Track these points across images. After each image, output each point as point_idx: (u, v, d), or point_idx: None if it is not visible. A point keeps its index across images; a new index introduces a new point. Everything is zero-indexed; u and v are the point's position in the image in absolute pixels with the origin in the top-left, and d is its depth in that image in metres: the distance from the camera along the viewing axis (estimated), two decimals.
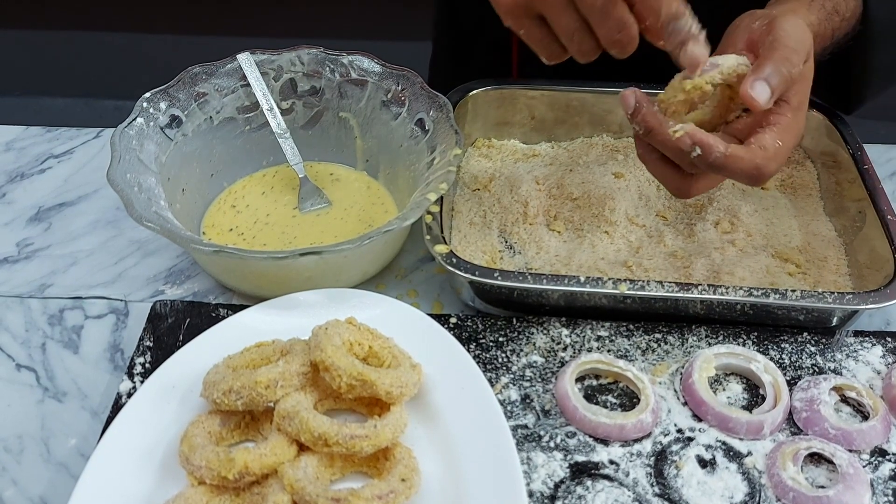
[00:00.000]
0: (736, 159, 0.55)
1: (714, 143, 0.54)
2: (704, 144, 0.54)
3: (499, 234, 0.75)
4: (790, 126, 0.57)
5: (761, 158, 0.55)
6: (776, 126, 0.56)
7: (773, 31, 0.57)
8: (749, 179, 0.56)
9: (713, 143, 0.54)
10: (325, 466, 0.54)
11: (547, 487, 0.56)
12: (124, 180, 0.66)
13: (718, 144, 0.54)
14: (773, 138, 0.55)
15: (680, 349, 0.64)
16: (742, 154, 0.55)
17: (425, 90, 0.76)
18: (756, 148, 0.55)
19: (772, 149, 0.55)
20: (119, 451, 0.55)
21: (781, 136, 0.56)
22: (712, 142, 0.54)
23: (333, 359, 0.54)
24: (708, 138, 0.55)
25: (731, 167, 0.55)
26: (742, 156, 0.55)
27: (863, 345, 0.65)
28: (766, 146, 0.55)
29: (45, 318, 0.70)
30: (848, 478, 0.55)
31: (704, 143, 0.54)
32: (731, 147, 0.55)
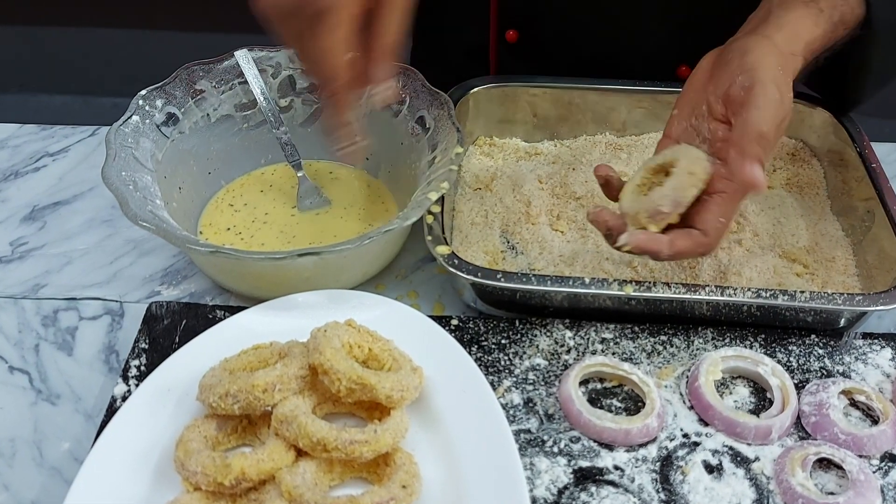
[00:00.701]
0: (681, 252, 0.59)
1: (657, 248, 0.58)
2: (651, 252, 0.59)
3: (501, 235, 0.73)
4: (735, 194, 0.59)
5: (704, 246, 0.59)
6: (718, 196, 0.59)
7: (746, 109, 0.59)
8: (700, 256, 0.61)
9: (658, 249, 0.58)
10: (323, 472, 0.53)
11: (550, 494, 0.54)
12: (119, 178, 0.65)
13: (662, 248, 0.58)
14: (714, 218, 0.58)
15: (686, 352, 0.63)
16: (686, 247, 0.59)
17: (426, 87, 0.74)
18: (699, 235, 0.59)
19: (713, 231, 0.59)
20: (113, 455, 0.54)
21: (724, 211, 0.59)
22: (656, 248, 0.58)
23: (332, 362, 0.53)
24: (651, 245, 0.58)
25: (680, 257, 0.60)
26: (686, 248, 0.59)
27: (872, 347, 0.64)
28: (707, 230, 0.59)
29: (38, 319, 0.68)
30: (858, 484, 0.54)
31: (650, 251, 0.58)
32: (675, 245, 0.58)
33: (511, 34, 0.86)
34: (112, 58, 2.17)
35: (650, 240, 0.58)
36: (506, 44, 0.87)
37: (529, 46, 0.87)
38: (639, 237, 0.59)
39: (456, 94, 0.79)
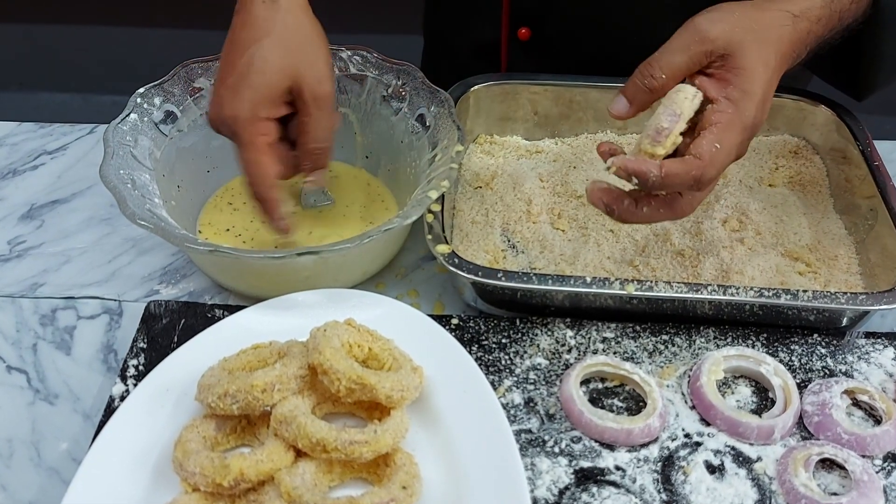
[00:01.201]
0: (672, 177, 0.55)
1: (647, 168, 0.55)
2: (639, 173, 0.56)
3: (501, 233, 0.73)
4: (731, 123, 0.56)
5: (697, 168, 0.55)
6: (715, 126, 0.56)
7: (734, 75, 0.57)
8: (692, 188, 0.57)
9: (646, 170, 0.55)
10: (323, 473, 0.52)
11: (552, 494, 0.54)
12: (118, 177, 0.64)
13: (651, 168, 0.55)
14: (709, 143, 0.56)
15: (687, 351, 0.63)
16: (677, 170, 0.56)
17: (426, 85, 0.74)
18: (691, 159, 0.56)
19: (707, 155, 0.55)
20: (111, 455, 0.53)
21: (720, 138, 0.56)
22: (645, 168, 0.55)
23: (332, 361, 0.53)
24: (640, 166, 0.55)
25: (670, 184, 0.56)
26: (678, 171, 0.55)
27: (875, 346, 0.64)
28: (701, 154, 0.56)
29: (36, 318, 0.68)
30: (862, 485, 0.53)
31: (639, 172, 0.56)
32: (665, 165, 0.56)
33: (523, 32, 0.86)
34: (111, 55, 2.16)
35: (638, 161, 0.56)
36: (518, 41, 0.86)
37: (541, 44, 0.86)
38: (625, 159, 0.56)
39: (456, 91, 0.79)
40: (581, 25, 0.83)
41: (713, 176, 0.56)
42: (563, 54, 0.86)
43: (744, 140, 0.57)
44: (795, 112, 0.81)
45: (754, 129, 0.58)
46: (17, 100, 2.10)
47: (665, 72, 0.58)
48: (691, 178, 0.56)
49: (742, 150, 0.59)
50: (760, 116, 0.58)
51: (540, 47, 0.87)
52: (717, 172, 0.57)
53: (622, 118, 0.60)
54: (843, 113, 0.79)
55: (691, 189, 0.57)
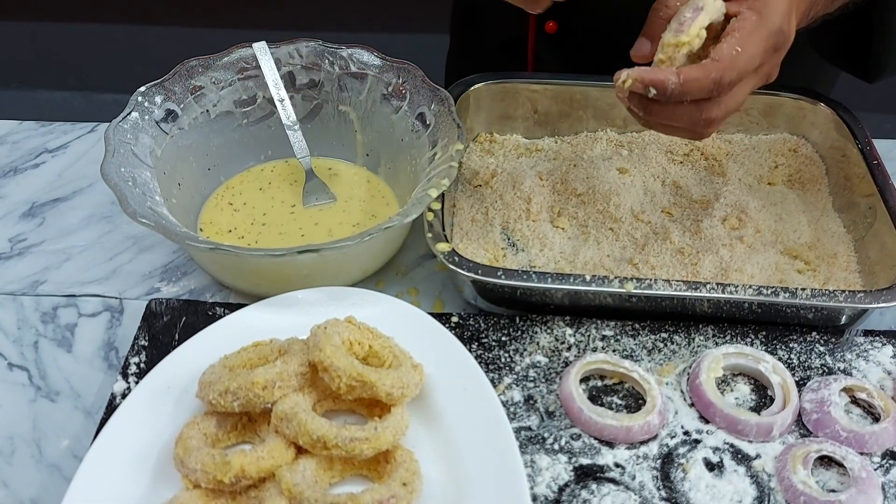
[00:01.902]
0: (692, 82, 0.54)
1: (664, 76, 0.54)
2: (656, 82, 0.54)
3: (501, 232, 0.73)
4: (755, 29, 0.55)
5: (716, 70, 0.54)
6: (736, 32, 0.55)
7: None
8: (712, 94, 0.55)
9: (664, 78, 0.54)
10: (323, 470, 0.53)
11: (551, 491, 0.54)
12: (118, 175, 0.65)
13: (669, 76, 0.54)
14: (730, 47, 0.54)
15: (687, 349, 0.63)
16: (696, 74, 0.54)
17: (426, 83, 0.74)
18: (709, 62, 0.54)
19: (727, 58, 0.54)
20: (113, 453, 0.53)
21: (742, 42, 0.55)
22: (662, 76, 0.54)
23: (332, 359, 0.53)
24: (657, 75, 0.54)
25: (691, 91, 0.54)
26: (697, 76, 0.54)
27: (873, 344, 0.64)
28: (721, 56, 0.54)
29: (37, 315, 0.68)
30: (860, 482, 0.54)
31: (656, 81, 0.54)
32: (684, 72, 0.54)
33: (550, 25, 0.85)
34: (111, 54, 2.16)
35: (655, 70, 0.54)
36: (545, 35, 0.86)
37: (568, 38, 0.86)
38: (641, 69, 0.54)
39: (456, 90, 0.79)
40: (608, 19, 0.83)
41: (733, 79, 0.55)
42: (590, 48, 0.85)
43: (768, 48, 0.56)
44: (795, 111, 0.82)
45: (780, 39, 0.56)
46: (18, 98, 2.10)
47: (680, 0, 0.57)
48: (711, 81, 0.54)
49: (769, 60, 0.57)
50: (788, 26, 0.56)
51: (567, 41, 0.86)
52: (737, 76, 0.55)
53: (646, 59, 0.58)
54: (843, 111, 0.79)
55: (711, 95, 0.55)
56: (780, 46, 0.56)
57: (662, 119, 0.58)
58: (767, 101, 0.81)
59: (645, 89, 0.55)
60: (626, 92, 0.57)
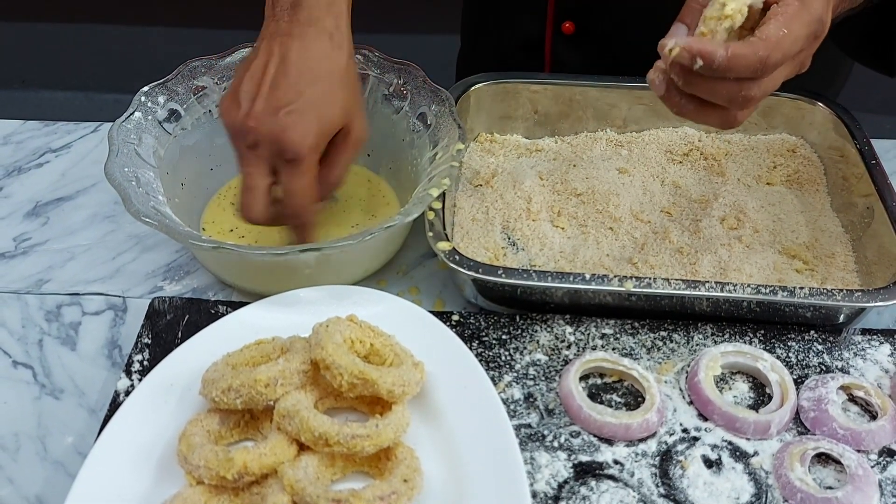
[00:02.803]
0: (739, 58, 0.54)
1: (713, 48, 0.54)
2: (704, 53, 0.54)
3: (501, 231, 0.74)
4: (798, 14, 0.55)
5: (763, 49, 0.54)
6: (780, 16, 0.55)
7: None
8: (756, 73, 0.55)
9: (712, 50, 0.54)
10: (325, 466, 0.53)
11: (550, 488, 0.55)
12: (122, 174, 0.65)
13: (718, 49, 0.54)
14: (776, 27, 0.54)
15: (685, 347, 0.64)
16: (744, 51, 0.54)
17: (427, 84, 0.75)
18: (757, 40, 0.54)
19: (774, 37, 0.54)
20: (117, 449, 0.54)
21: (787, 24, 0.55)
22: (710, 48, 0.54)
23: (334, 357, 0.54)
24: (705, 45, 0.54)
25: (736, 66, 0.54)
26: (744, 52, 0.54)
27: (871, 343, 0.64)
28: (768, 36, 0.54)
29: (42, 314, 0.69)
30: (857, 479, 0.54)
31: (704, 52, 0.54)
32: (731, 47, 0.54)
33: (568, 26, 0.86)
34: (113, 54, 2.17)
35: (703, 41, 0.54)
36: (562, 36, 0.87)
37: (586, 38, 0.87)
38: (689, 39, 0.54)
39: (457, 90, 0.80)
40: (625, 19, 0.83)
41: (779, 60, 0.54)
42: (608, 48, 0.85)
43: (809, 34, 0.56)
44: (793, 111, 0.82)
45: (820, 28, 0.56)
46: (20, 98, 2.11)
47: None
48: (758, 59, 0.54)
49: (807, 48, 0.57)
50: (826, 16, 0.56)
51: (584, 41, 0.87)
52: (782, 57, 0.54)
53: None
54: (841, 112, 0.79)
55: (755, 74, 0.55)
56: (819, 35, 0.56)
57: (702, 92, 0.57)
58: (766, 101, 0.80)
59: (691, 60, 0.54)
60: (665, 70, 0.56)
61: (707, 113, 0.59)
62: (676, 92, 0.58)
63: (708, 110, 0.59)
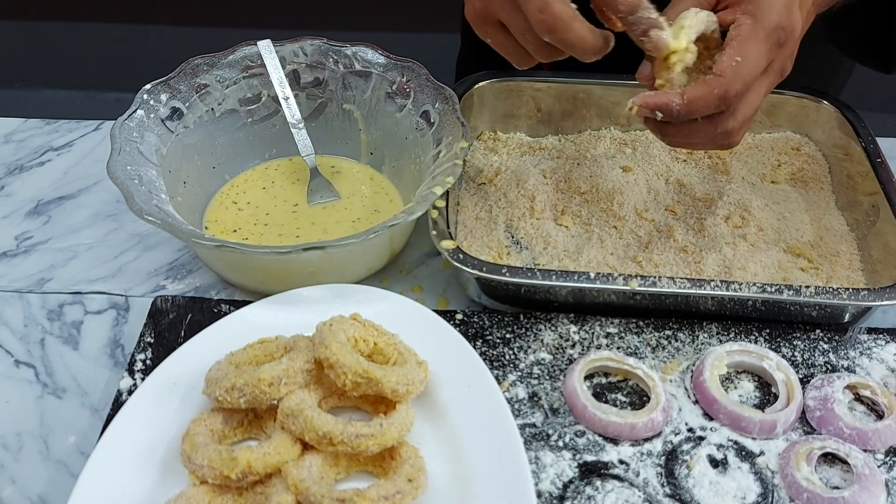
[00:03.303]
0: (696, 101, 0.54)
1: (668, 99, 0.54)
2: (661, 105, 0.54)
3: (505, 229, 0.73)
4: (751, 33, 0.55)
5: (719, 86, 0.54)
6: (734, 41, 0.55)
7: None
8: (722, 108, 0.55)
9: (667, 100, 0.54)
10: (329, 466, 0.53)
11: (556, 487, 0.55)
12: (125, 172, 0.65)
13: (673, 98, 0.54)
14: (729, 58, 0.54)
15: (691, 346, 0.63)
16: (700, 93, 0.54)
17: (430, 82, 0.74)
18: (712, 78, 0.54)
19: (728, 70, 0.54)
20: (120, 449, 0.54)
21: (740, 50, 0.55)
22: (666, 99, 0.54)
23: (338, 356, 0.53)
24: (659, 98, 0.54)
25: (697, 109, 0.55)
26: (700, 94, 0.54)
27: (876, 342, 0.64)
28: (722, 70, 0.54)
29: (44, 313, 0.69)
30: (863, 478, 0.54)
31: (660, 104, 0.54)
32: (687, 92, 0.54)
33: None
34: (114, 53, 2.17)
35: (658, 94, 0.55)
36: None
37: None
38: (644, 94, 0.55)
39: (460, 88, 0.79)
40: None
41: (739, 90, 0.54)
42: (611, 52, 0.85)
43: (771, 48, 0.55)
44: (798, 109, 0.82)
45: (783, 34, 0.55)
46: (21, 97, 2.11)
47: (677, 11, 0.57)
48: (715, 97, 0.54)
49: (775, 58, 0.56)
50: (788, 20, 0.55)
51: None
52: (743, 86, 0.55)
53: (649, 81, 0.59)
54: (846, 110, 0.79)
55: (720, 109, 0.55)
56: (783, 42, 0.56)
57: (680, 139, 0.58)
58: (771, 99, 0.81)
59: (652, 113, 0.55)
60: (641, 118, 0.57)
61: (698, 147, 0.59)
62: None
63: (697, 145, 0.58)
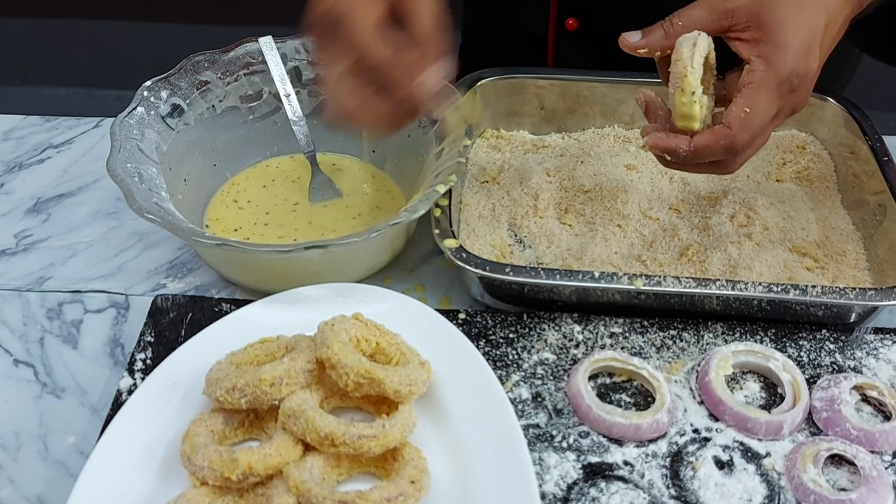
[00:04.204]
0: (703, 149, 0.57)
1: (676, 144, 0.57)
2: (669, 149, 0.57)
3: (508, 228, 0.73)
4: (763, 81, 0.56)
5: (726, 138, 0.56)
6: (746, 88, 0.56)
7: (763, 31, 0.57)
8: (727, 156, 0.57)
9: (675, 146, 0.57)
10: (331, 467, 0.52)
11: (560, 489, 0.54)
12: (125, 170, 0.64)
13: (680, 144, 0.57)
14: (738, 109, 0.56)
15: (695, 346, 0.63)
16: (707, 141, 0.57)
17: None
18: (721, 128, 0.56)
19: (736, 122, 0.56)
20: (119, 449, 0.53)
21: (750, 100, 0.56)
22: (674, 144, 0.57)
23: (340, 356, 0.53)
24: (669, 142, 0.57)
25: (702, 156, 0.57)
26: (707, 143, 0.57)
27: (883, 342, 0.63)
28: (730, 122, 0.56)
29: (43, 311, 0.68)
30: (871, 480, 0.53)
31: (669, 148, 0.57)
32: (695, 140, 0.57)
33: (571, 22, 0.86)
34: (114, 50, 2.16)
35: (668, 138, 0.57)
36: (565, 32, 0.87)
37: (589, 35, 0.86)
38: (655, 137, 0.58)
39: (463, 85, 0.79)
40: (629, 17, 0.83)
41: (746, 140, 0.56)
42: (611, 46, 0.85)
43: (782, 95, 0.56)
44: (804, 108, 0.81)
45: (796, 81, 0.56)
46: (21, 94, 2.10)
47: (683, 20, 0.59)
48: (721, 147, 0.56)
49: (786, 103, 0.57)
50: (804, 65, 0.56)
51: (588, 38, 0.86)
52: (750, 136, 0.56)
53: (631, 48, 0.61)
54: (852, 108, 0.78)
55: (725, 157, 0.57)
56: (795, 87, 0.57)
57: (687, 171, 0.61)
58: None
59: (661, 154, 0.58)
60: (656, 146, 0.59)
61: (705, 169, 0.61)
62: None
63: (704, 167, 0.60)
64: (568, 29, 0.86)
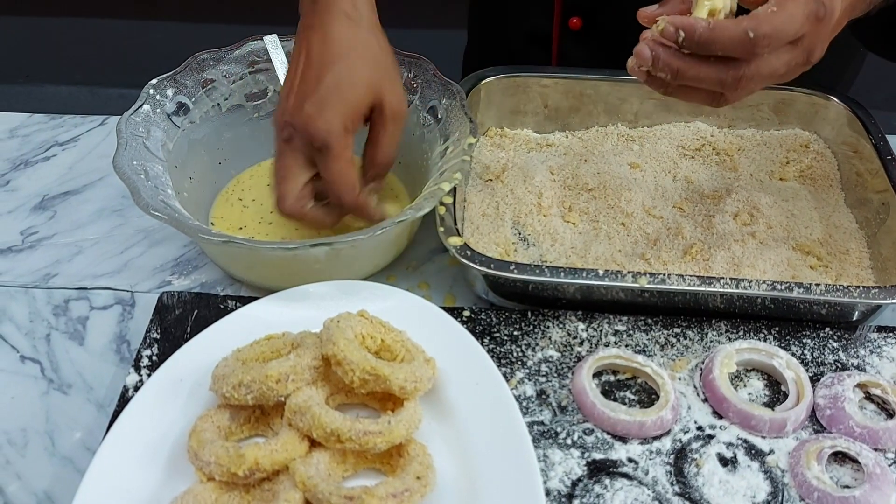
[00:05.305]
0: (722, 31, 0.53)
1: (694, 21, 0.54)
2: (686, 25, 0.54)
3: (512, 226, 0.73)
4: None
5: (749, 23, 0.53)
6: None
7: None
8: (743, 48, 0.54)
9: (694, 22, 0.54)
10: (337, 463, 0.53)
11: (564, 486, 0.54)
12: (131, 167, 0.65)
13: (699, 21, 0.54)
14: (766, 6, 0.53)
15: (699, 344, 0.63)
16: (728, 24, 0.54)
17: (437, 77, 0.74)
18: (743, 17, 0.54)
19: (763, 13, 0.53)
20: (126, 445, 0.53)
21: (778, 3, 0.53)
22: (692, 21, 0.54)
23: (346, 353, 0.53)
24: (687, 20, 0.54)
25: (720, 39, 0.54)
26: (728, 26, 0.53)
27: (886, 340, 0.64)
28: (756, 13, 0.53)
29: (49, 308, 0.68)
30: (874, 478, 0.53)
31: (685, 25, 0.54)
32: (714, 21, 0.54)
33: (575, 21, 0.86)
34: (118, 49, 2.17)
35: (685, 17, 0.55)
36: (569, 31, 0.87)
37: (593, 34, 0.87)
38: (675, 16, 0.55)
39: (467, 84, 0.79)
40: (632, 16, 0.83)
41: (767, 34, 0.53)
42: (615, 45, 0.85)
43: (808, 14, 0.54)
44: (807, 106, 0.81)
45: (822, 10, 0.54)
46: (25, 92, 2.11)
47: None
48: (742, 31, 0.53)
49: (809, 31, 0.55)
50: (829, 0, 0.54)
51: (591, 37, 0.87)
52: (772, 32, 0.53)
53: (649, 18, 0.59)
54: (856, 107, 0.78)
55: (744, 53, 0.54)
56: (821, 17, 0.54)
57: (688, 79, 0.57)
58: (779, 96, 0.81)
59: (674, 33, 0.54)
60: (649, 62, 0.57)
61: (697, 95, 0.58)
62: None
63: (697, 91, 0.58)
64: (572, 28, 0.87)
